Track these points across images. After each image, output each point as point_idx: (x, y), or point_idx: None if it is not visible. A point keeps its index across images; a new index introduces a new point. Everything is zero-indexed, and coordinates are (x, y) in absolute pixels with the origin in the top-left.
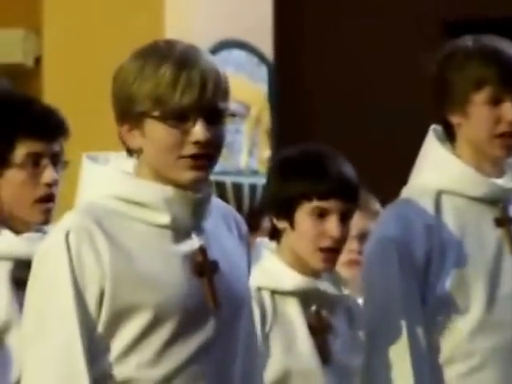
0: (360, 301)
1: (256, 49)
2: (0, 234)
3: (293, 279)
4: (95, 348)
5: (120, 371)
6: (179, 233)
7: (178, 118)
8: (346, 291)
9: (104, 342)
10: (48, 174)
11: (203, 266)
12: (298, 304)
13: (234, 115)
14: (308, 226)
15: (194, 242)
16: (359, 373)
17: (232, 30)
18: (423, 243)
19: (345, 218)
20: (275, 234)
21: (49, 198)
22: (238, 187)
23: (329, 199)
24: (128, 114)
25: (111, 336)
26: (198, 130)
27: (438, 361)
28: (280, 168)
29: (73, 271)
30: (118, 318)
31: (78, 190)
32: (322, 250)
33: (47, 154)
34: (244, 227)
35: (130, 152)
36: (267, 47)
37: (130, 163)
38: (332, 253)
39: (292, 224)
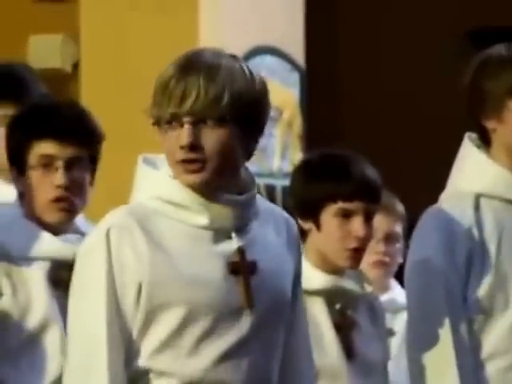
0: (383, 299)
1: (288, 55)
2: (36, 234)
3: (318, 279)
4: (131, 344)
5: (155, 366)
6: (219, 233)
7: (168, 123)
8: (368, 289)
9: (140, 338)
10: (58, 177)
11: (240, 266)
12: (323, 303)
13: (223, 120)
14: (333, 227)
15: (233, 243)
16: (382, 368)
17: (265, 36)
18: (465, 246)
19: (368, 218)
20: (301, 235)
21: (62, 199)
22: (270, 189)
23: (353, 200)
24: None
25: (147, 332)
26: (182, 135)
27: (479, 357)
28: (304, 170)
29: (111, 267)
30: (154, 313)
31: (133, 190)
32: (348, 250)
33: (61, 157)
34: (293, 226)
35: None
36: (299, 53)
37: None
38: (358, 252)
39: (317, 225)
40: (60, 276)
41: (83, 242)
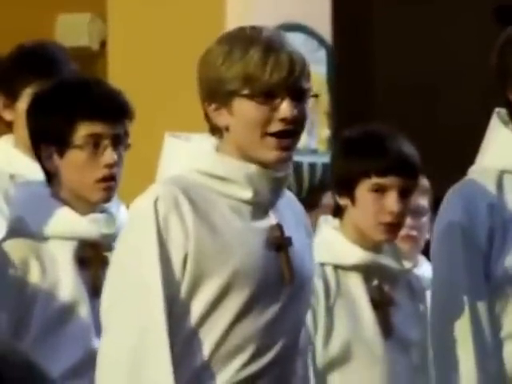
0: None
1: (315, 32)
2: (64, 214)
3: (355, 254)
4: (178, 311)
5: (201, 333)
6: (258, 209)
7: (266, 96)
8: (407, 265)
9: (186, 305)
10: (108, 156)
11: (280, 241)
12: (360, 278)
13: (316, 96)
14: (368, 202)
15: (271, 218)
16: (419, 345)
17: (292, 13)
18: (486, 222)
19: (404, 194)
20: (338, 211)
21: (109, 179)
22: (298, 166)
23: (387, 176)
24: (216, 93)
25: (191, 299)
26: (285, 107)
27: (499, 336)
28: (342, 147)
29: (160, 235)
30: (198, 282)
31: (160, 166)
32: (382, 224)
33: (108, 136)
34: (303, 211)
35: (215, 131)
36: (326, 30)
37: (208, 143)
38: (393, 226)
39: (353, 201)
40: (86, 255)
41: (130, 211)
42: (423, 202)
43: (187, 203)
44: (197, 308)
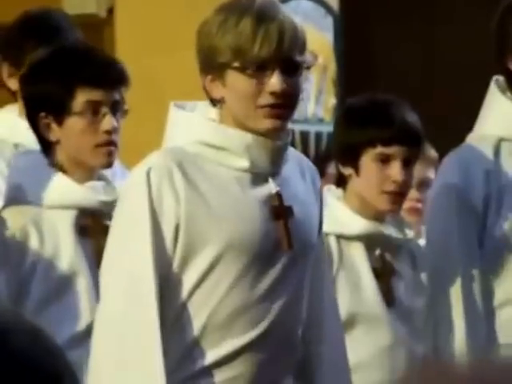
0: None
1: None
2: (62, 182)
3: (358, 224)
4: (170, 284)
5: (194, 302)
6: (257, 177)
7: (257, 69)
8: (409, 235)
9: (178, 277)
10: (107, 122)
11: (280, 210)
12: (362, 248)
13: (309, 67)
14: (372, 171)
15: (270, 187)
16: (422, 314)
17: None
18: (482, 188)
19: (408, 164)
20: (341, 181)
21: (109, 144)
22: (304, 135)
23: (392, 145)
24: (211, 64)
25: (184, 269)
26: (275, 81)
27: (492, 304)
28: (346, 116)
29: (152, 205)
30: (190, 252)
31: (165, 135)
32: (386, 193)
33: (106, 103)
34: (317, 176)
35: (213, 102)
36: None
37: (213, 111)
38: (397, 196)
39: (357, 170)
40: (86, 224)
41: (125, 181)
42: (431, 174)
43: (179, 174)
44: (189, 279)
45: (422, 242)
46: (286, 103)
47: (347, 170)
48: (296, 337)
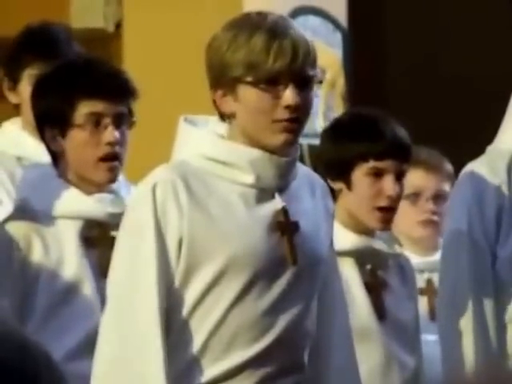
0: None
1: (330, 15)
2: (70, 193)
3: (349, 239)
4: (172, 299)
5: (196, 318)
6: (263, 193)
7: (270, 83)
8: (399, 250)
9: (180, 293)
10: (109, 134)
11: (284, 226)
12: (353, 263)
13: (321, 82)
14: (365, 185)
15: (276, 202)
16: (411, 327)
17: None
18: (494, 203)
19: (399, 177)
20: (331, 196)
21: (112, 157)
22: (313, 149)
23: (384, 159)
24: (222, 79)
25: (187, 283)
26: (290, 95)
27: (503, 320)
28: (334, 131)
29: (157, 220)
30: (193, 267)
31: (173, 150)
32: (379, 209)
33: (109, 114)
34: (328, 193)
35: (223, 117)
36: (341, 14)
37: (223, 126)
38: (388, 212)
39: (348, 185)
40: (92, 234)
41: (131, 196)
42: (446, 187)
43: (184, 189)
44: (191, 293)
45: (435, 256)
46: (300, 117)
47: (338, 185)
48: (303, 352)
